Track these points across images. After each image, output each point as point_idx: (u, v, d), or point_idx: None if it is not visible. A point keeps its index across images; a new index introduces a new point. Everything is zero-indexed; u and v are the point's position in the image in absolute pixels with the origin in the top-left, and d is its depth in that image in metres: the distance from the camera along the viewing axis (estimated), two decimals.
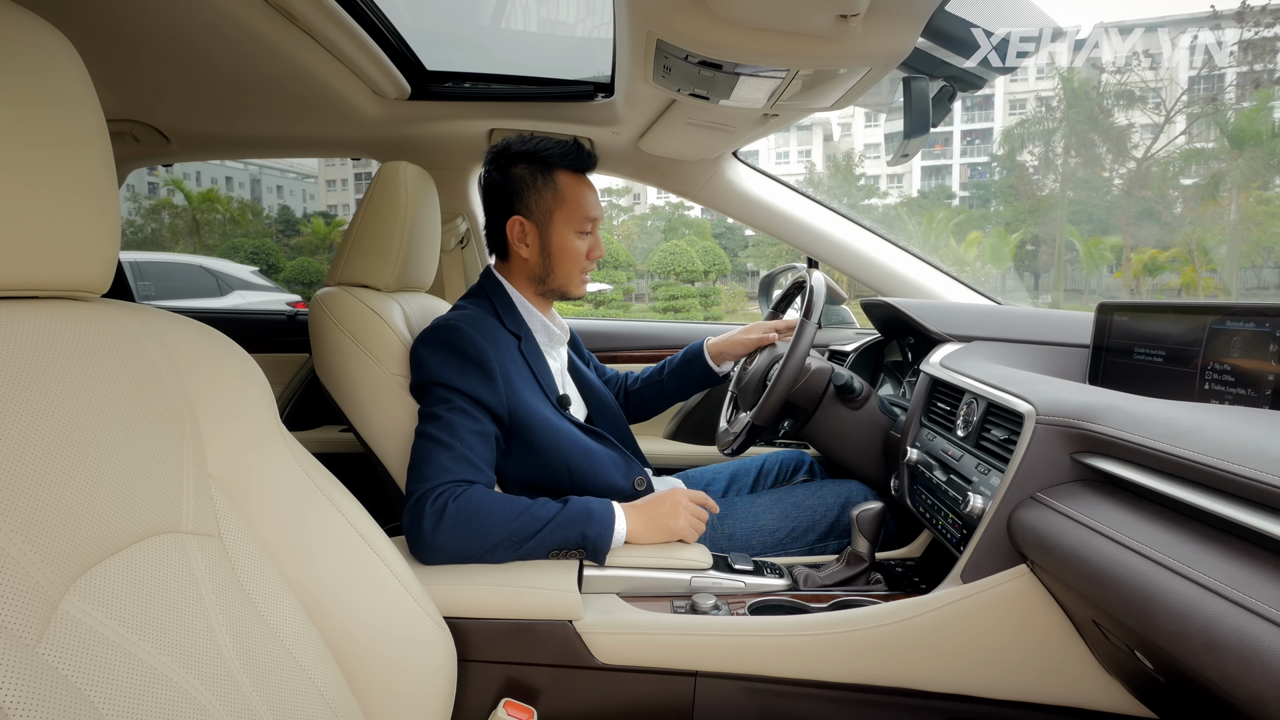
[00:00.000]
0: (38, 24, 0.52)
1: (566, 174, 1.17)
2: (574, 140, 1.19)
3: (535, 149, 1.17)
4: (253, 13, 1.08)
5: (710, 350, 1.44)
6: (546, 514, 0.98)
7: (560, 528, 0.97)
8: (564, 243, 1.18)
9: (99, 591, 0.47)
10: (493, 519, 0.96)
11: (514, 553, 0.96)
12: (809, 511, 1.22)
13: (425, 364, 1.07)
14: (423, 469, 0.99)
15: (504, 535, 0.95)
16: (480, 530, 0.95)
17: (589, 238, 1.20)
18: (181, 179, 22.24)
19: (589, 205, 1.18)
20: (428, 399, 1.06)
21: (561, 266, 1.19)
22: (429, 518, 0.94)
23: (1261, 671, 0.47)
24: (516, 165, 1.17)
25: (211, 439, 0.61)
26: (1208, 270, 18.27)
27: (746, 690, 0.89)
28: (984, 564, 0.83)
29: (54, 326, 0.52)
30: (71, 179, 0.52)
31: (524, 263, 1.20)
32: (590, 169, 1.20)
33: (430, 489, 0.97)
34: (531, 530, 0.96)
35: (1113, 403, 0.76)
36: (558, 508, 0.99)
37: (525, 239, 1.18)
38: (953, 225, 22.41)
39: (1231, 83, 23.43)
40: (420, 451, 1.01)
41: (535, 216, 1.17)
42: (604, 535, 0.98)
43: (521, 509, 0.97)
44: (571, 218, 1.17)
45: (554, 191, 1.16)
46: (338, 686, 0.63)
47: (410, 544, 0.96)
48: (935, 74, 1.14)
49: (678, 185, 1.76)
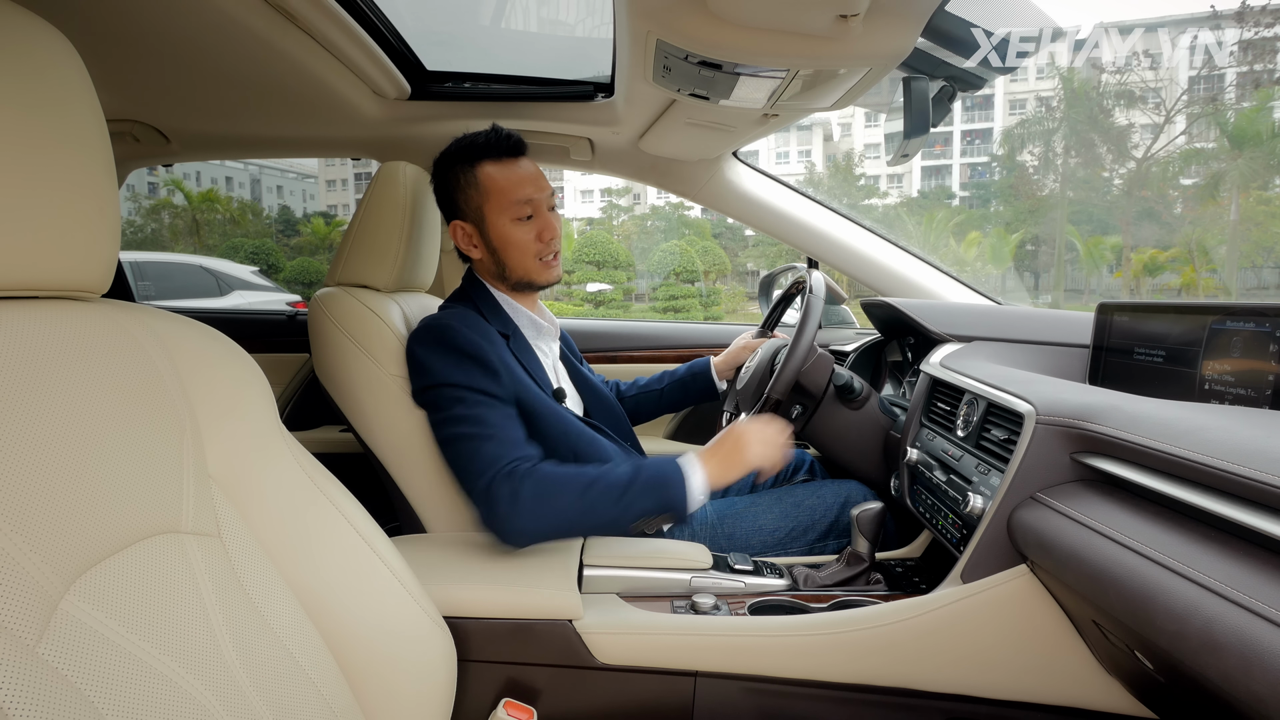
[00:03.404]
0: (38, 24, 0.52)
1: (490, 164, 1.15)
2: (491, 127, 1.17)
3: (457, 148, 1.16)
4: (253, 13, 1.08)
5: (716, 366, 1.48)
6: (619, 484, 0.98)
7: (638, 498, 0.97)
8: (503, 233, 1.15)
9: (99, 591, 0.47)
10: (568, 493, 0.97)
11: (597, 528, 0.98)
12: (809, 511, 1.22)
13: (427, 367, 1.06)
14: (475, 464, 0.99)
15: (582, 510, 0.96)
16: (558, 507, 0.96)
17: (533, 222, 1.16)
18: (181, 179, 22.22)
19: (518, 189, 1.14)
20: (441, 402, 1.04)
21: (511, 258, 1.17)
22: (504, 501, 0.95)
23: (1261, 671, 0.47)
24: (448, 170, 1.17)
25: (211, 439, 0.61)
26: (1208, 270, 18.27)
27: (746, 690, 0.89)
28: (984, 564, 0.83)
29: (54, 326, 0.52)
30: (71, 179, 0.52)
31: (481, 263, 1.20)
32: (513, 153, 1.16)
33: (494, 475, 0.97)
34: (610, 503, 0.97)
35: (1113, 403, 0.76)
36: (629, 476, 0.98)
37: (472, 240, 1.18)
38: (953, 225, 22.40)
39: (1231, 83, 23.42)
40: (462, 452, 1.01)
41: (470, 216, 1.17)
42: (682, 498, 0.98)
43: (590, 480, 0.98)
44: (502, 206, 1.14)
45: (477, 186, 1.15)
46: (337, 686, 0.63)
47: (496, 532, 0.98)
48: (935, 74, 1.14)
49: (678, 185, 1.76)
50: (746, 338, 1.51)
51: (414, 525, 1.15)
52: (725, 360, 1.47)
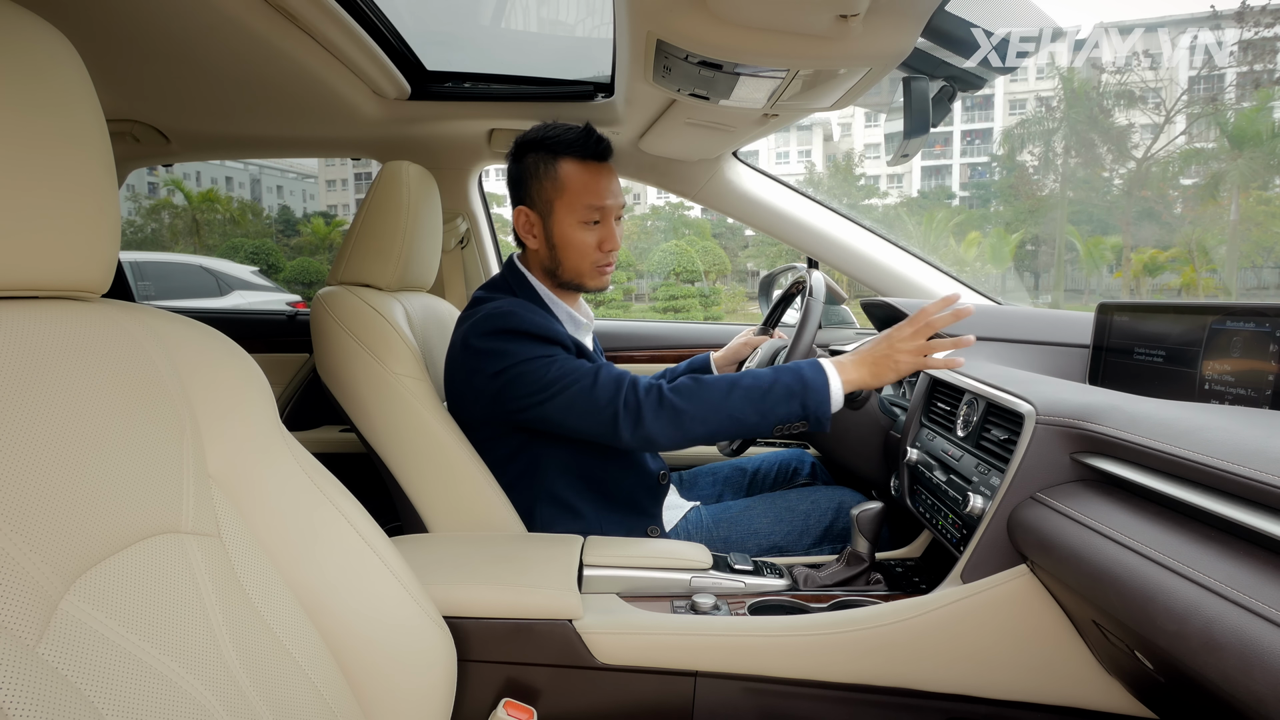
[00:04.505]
0: (38, 24, 0.52)
1: (572, 162, 1.14)
2: (584, 127, 1.15)
3: (543, 136, 1.15)
4: (253, 13, 1.08)
5: (716, 362, 1.47)
6: (759, 388, 0.98)
7: (779, 403, 0.98)
8: (567, 234, 1.14)
9: (99, 591, 0.47)
10: (711, 395, 0.98)
11: (739, 433, 0.99)
12: (802, 516, 1.22)
13: (501, 351, 1.05)
14: (596, 397, 1.01)
15: (726, 414, 0.98)
16: (703, 409, 0.98)
17: (598, 228, 1.15)
18: (181, 179, 22.22)
19: (594, 194, 1.13)
20: (529, 376, 1.04)
21: (568, 259, 1.16)
22: (648, 409, 0.98)
23: (1261, 671, 0.47)
24: (528, 154, 1.16)
25: (211, 439, 0.61)
26: (1208, 270, 18.27)
27: (746, 690, 0.89)
28: (984, 564, 0.83)
29: (54, 326, 0.52)
30: (71, 179, 0.52)
31: (535, 253, 1.19)
32: (599, 157, 1.15)
33: (625, 392, 1.00)
34: (751, 406, 0.98)
35: (1113, 403, 0.76)
36: (769, 380, 0.99)
37: (532, 230, 1.17)
38: (953, 225, 22.40)
39: (1231, 83, 23.42)
40: (577, 397, 1.01)
41: (538, 206, 1.15)
42: (823, 403, 0.98)
43: (729, 384, 0.99)
44: (573, 207, 1.13)
45: (554, 180, 1.13)
46: (337, 687, 0.63)
47: (644, 443, 1.00)
48: (935, 74, 1.14)
49: (678, 185, 1.76)
50: (748, 334, 1.50)
51: (415, 524, 1.15)
52: (726, 356, 1.47)
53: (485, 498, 1.13)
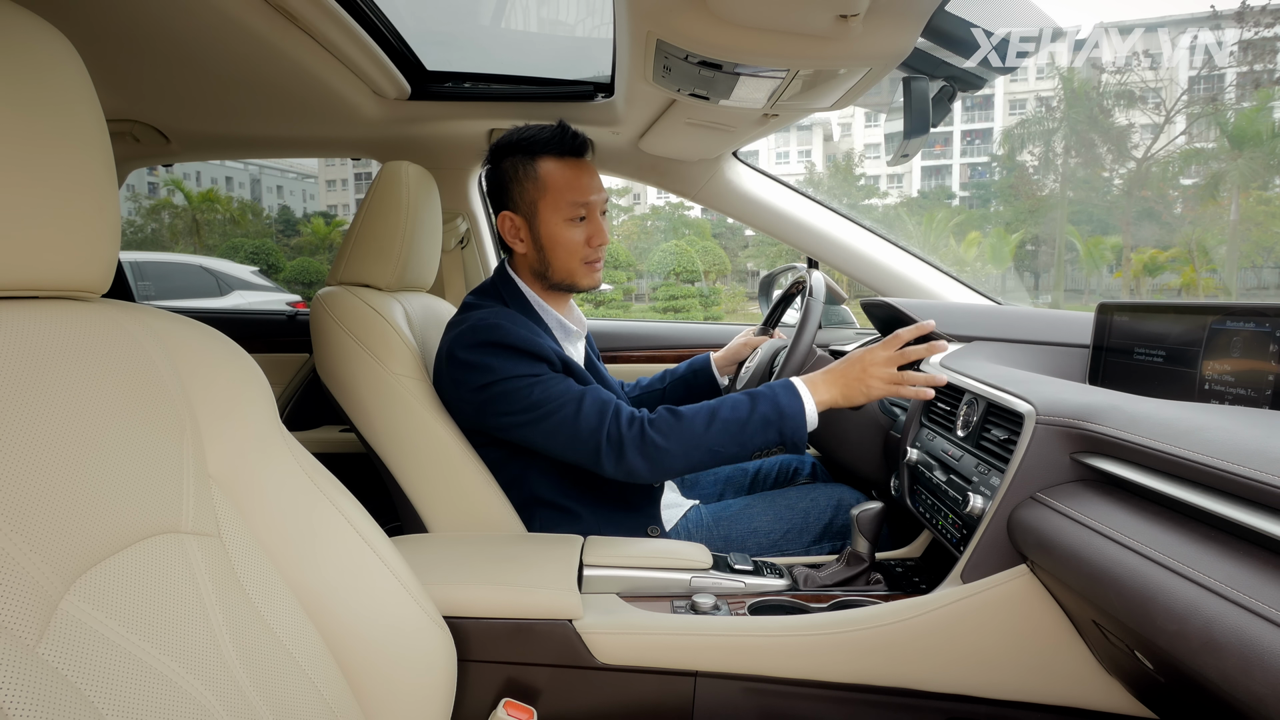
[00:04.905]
0: (38, 24, 0.52)
1: (551, 160, 1.13)
2: (558, 124, 1.15)
3: (518, 138, 1.15)
4: (253, 13, 1.08)
5: (715, 362, 1.47)
6: (737, 419, 1.00)
7: (757, 433, 1.00)
8: (554, 232, 1.14)
9: (99, 591, 0.47)
10: (693, 428, 1.00)
11: (720, 462, 1.02)
12: (801, 514, 1.22)
13: (486, 365, 1.04)
14: (582, 424, 1.01)
15: (707, 446, 1.00)
16: (686, 443, 1.00)
17: (584, 224, 1.15)
18: (181, 179, 22.22)
19: (576, 190, 1.13)
20: (513, 394, 1.04)
21: (557, 258, 1.15)
22: (631, 442, 0.99)
23: (1261, 671, 0.47)
24: (505, 158, 1.15)
25: (211, 439, 0.61)
26: (1208, 270, 18.27)
27: (746, 690, 0.89)
28: (984, 564, 0.83)
29: (54, 326, 0.52)
30: (71, 179, 0.52)
31: (523, 258, 1.18)
32: (577, 153, 1.15)
33: (610, 423, 1.00)
34: (730, 438, 1.00)
35: (1113, 403, 0.76)
36: (746, 410, 1.01)
37: (518, 234, 1.16)
38: (953, 225, 22.40)
39: (1231, 83, 23.42)
40: (562, 423, 1.02)
41: (522, 209, 1.15)
42: (799, 429, 1.01)
43: (709, 416, 1.01)
44: (557, 205, 1.13)
45: (535, 181, 1.13)
46: (337, 686, 0.63)
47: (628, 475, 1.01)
48: (935, 74, 1.14)
49: (678, 185, 1.76)
50: (748, 334, 1.50)
51: (415, 524, 1.15)
52: (726, 355, 1.47)
53: (485, 498, 1.13)
